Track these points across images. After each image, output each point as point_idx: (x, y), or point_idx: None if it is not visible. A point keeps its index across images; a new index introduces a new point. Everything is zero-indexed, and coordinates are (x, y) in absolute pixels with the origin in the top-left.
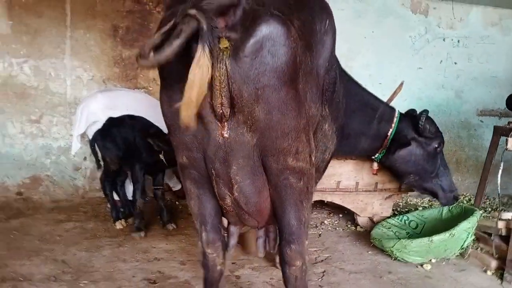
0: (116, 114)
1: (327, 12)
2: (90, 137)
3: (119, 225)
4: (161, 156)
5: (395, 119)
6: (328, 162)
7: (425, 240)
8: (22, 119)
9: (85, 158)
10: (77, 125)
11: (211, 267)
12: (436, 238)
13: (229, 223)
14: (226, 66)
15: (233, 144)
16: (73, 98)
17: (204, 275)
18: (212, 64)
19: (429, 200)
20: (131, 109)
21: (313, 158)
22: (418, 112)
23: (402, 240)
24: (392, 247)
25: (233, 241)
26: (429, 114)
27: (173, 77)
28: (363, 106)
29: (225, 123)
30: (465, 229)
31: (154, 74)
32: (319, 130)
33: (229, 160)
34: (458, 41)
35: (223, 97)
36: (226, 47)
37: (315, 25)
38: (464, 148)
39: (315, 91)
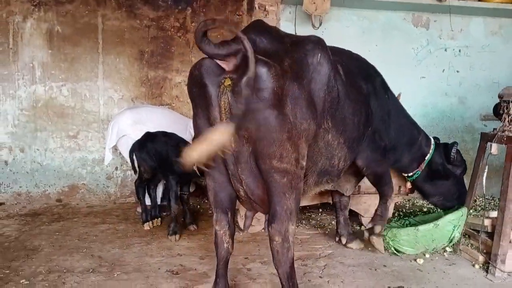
0: (143, 128)
1: (319, 48)
2: (120, 149)
3: (147, 226)
4: (194, 167)
5: (432, 146)
6: (342, 168)
7: (412, 229)
8: (62, 135)
9: (116, 168)
10: (109, 139)
11: (219, 244)
12: (421, 227)
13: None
14: (228, 97)
15: (238, 152)
16: (105, 116)
17: (216, 253)
18: (218, 96)
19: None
20: (155, 123)
21: (301, 162)
22: (449, 143)
23: (393, 228)
24: (385, 235)
25: (248, 222)
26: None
27: (199, 108)
28: (411, 127)
29: (232, 138)
30: (450, 221)
31: (177, 91)
32: (321, 140)
33: (237, 164)
34: (460, 51)
35: (228, 119)
36: (229, 84)
37: (307, 60)
38: (469, 152)
39: (306, 111)
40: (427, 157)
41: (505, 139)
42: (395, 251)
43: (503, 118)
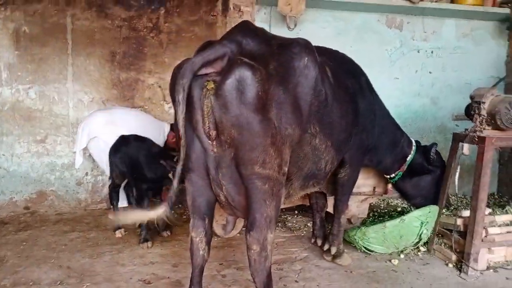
0: (115, 130)
1: (306, 51)
2: (91, 151)
3: (118, 233)
4: (170, 175)
5: (413, 147)
6: (329, 171)
7: (379, 225)
8: (29, 140)
9: (87, 173)
10: (79, 141)
11: (195, 251)
12: (388, 223)
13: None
14: (211, 101)
15: (219, 156)
16: (75, 119)
17: (191, 260)
18: (200, 99)
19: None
20: (128, 125)
21: (283, 168)
22: (429, 145)
23: (361, 228)
24: (355, 235)
25: (229, 228)
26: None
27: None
28: (393, 129)
29: (214, 142)
30: (417, 216)
31: (150, 93)
32: (307, 145)
33: (218, 169)
34: (432, 52)
35: (210, 123)
36: (212, 87)
37: (293, 63)
38: (441, 151)
39: (292, 115)
40: (409, 158)
41: (476, 139)
42: (366, 250)
43: (474, 118)
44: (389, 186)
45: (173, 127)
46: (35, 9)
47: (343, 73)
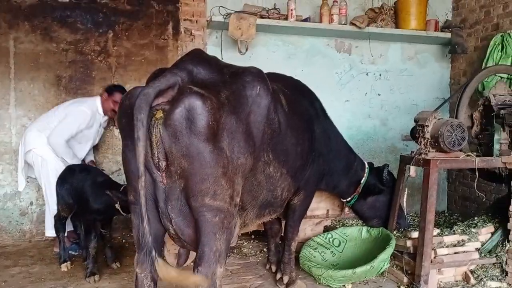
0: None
1: (259, 80)
2: (33, 167)
3: (64, 267)
4: (117, 206)
5: (366, 170)
6: (286, 199)
7: (349, 271)
8: None
9: (31, 203)
10: (19, 160)
11: (140, 287)
12: (358, 270)
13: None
14: (160, 131)
15: (169, 188)
16: (18, 146)
17: None
18: (149, 129)
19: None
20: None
21: (235, 199)
22: (381, 166)
23: (329, 270)
24: (321, 275)
25: (181, 261)
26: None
27: (128, 140)
28: (347, 153)
29: (163, 173)
30: (383, 260)
31: None
32: (260, 173)
33: (167, 201)
34: (380, 75)
35: (159, 153)
36: (161, 116)
37: (245, 92)
38: (393, 171)
39: (244, 144)
40: (363, 181)
41: (421, 161)
42: (326, 284)
43: (419, 141)
44: (346, 209)
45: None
46: None
47: (297, 100)
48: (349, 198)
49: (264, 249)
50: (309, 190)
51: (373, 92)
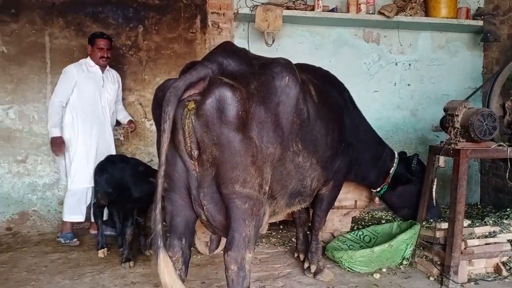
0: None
1: (287, 70)
2: None
3: (101, 254)
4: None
5: (396, 160)
6: (315, 188)
7: (367, 250)
8: (9, 160)
9: None
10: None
11: None
12: (376, 248)
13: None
14: (192, 121)
15: (201, 176)
16: None
17: None
18: (182, 119)
19: (393, 213)
20: None
21: (264, 187)
22: (411, 156)
23: (348, 251)
24: (341, 257)
25: (213, 246)
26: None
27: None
28: (376, 143)
29: (196, 161)
30: (403, 241)
31: (130, 111)
32: (290, 163)
33: (199, 188)
34: (410, 65)
35: (192, 143)
36: (193, 107)
37: (274, 82)
38: (424, 162)
39: (273, 134)
40: (391, 171)
41: (451, 151)
42: (350, 270)
43: (448, 131)
44: (376, 199)
45: None
46: (12, 29)
47: (327, 90)
48: (379, 189)
49: (292, 239)
50: (338, 180)
51: (402, 82)
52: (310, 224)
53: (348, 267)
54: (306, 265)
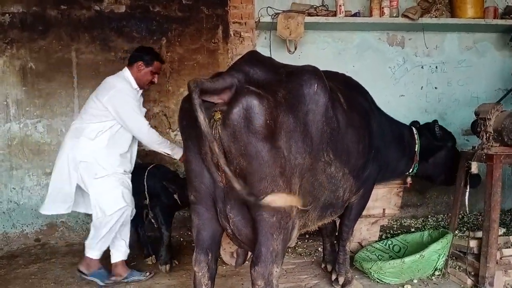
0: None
1: (316, 78)
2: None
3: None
4: (175, 196)
5: (416, 136)
6: (348, 199)
7: (398, 261)
8: (38, 173)
9: None
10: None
11: (197, 285)
12: (407, 259)
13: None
14: (219, 131)
15: (228, 188)
16: None
17: None
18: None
19: (422, 221)
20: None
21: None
22: (431, 122)
23: (378, 262)
24: (370, 268)
25: (240, 260)
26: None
27: (189, 142)
28: (395, 136)
29: (223, 173)
30: (435, 251)
31: (155, 122)
32: (321, 174)
33: (226, 201)
34: (436, 67)
35: (219, 153)
36: (219, 117)
37: (302, 90)
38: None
39: (302, 144)
40: (417, 148)
41: (484, 157)
42: (380, 281)
43: (480, 135)
44: (408, 179)
45: None
46: (40, 45)
47: (353, 96)
48: (411, 170)
49: (319, 249)
50: (367, 188)
51: (429, 85)
52: (337, 234)
53: (378, 279)
54: (334, 276)
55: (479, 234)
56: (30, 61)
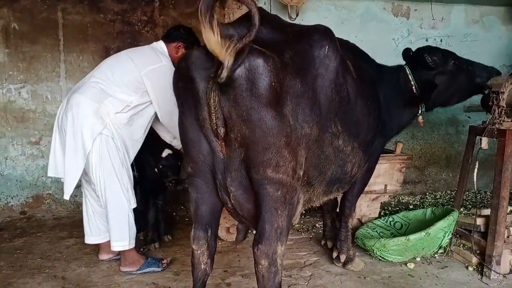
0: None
1: (327, 39)
2: None
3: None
4: (156, 170)
5: (409, 76)
6: (355, 175)
7: (402, 239)
8: (23, 142)
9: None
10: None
11: (196, 264)
12: (412, 237)
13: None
14: (218, 94)
15: (228, 158)
16: None
17: (192, 273)
18: (206, 93)
19: (420, 198)
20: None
21: (298, 172)
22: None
23: (381, 239)
24: (373, 245)
25: (240, 236)
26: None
27: (185, 107)
28: (392, 89)
29: (222, 141)
30: (441, 228)
31: None
32: (328, 146)
33: (226, 173)
34: (441, 40)
35: (218, 119)
36: (222, 77)
37: (312, 52)
38: (453, 144)
39: (310, 112)
40: (414, 89)
41: (495, 132)
42: (382, 259)
43: (492, 110)
44: (420, 118)
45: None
46: (23, 5)
47: (361, 65)
48: (419, 112)
49: (316, 225)
50: (372, 163)
51: None
52: (338, 210)
53: (380, 256)
54: (335, 254)
55: (485, 211)
56: (13, 21)
